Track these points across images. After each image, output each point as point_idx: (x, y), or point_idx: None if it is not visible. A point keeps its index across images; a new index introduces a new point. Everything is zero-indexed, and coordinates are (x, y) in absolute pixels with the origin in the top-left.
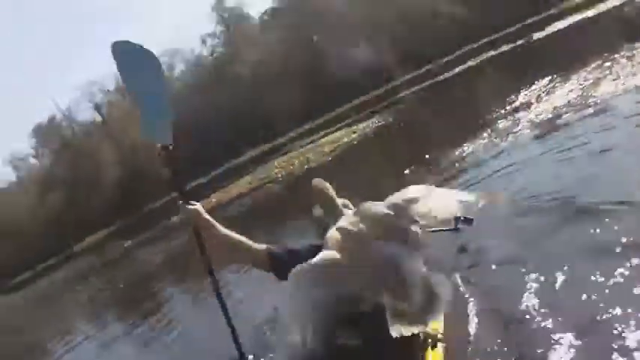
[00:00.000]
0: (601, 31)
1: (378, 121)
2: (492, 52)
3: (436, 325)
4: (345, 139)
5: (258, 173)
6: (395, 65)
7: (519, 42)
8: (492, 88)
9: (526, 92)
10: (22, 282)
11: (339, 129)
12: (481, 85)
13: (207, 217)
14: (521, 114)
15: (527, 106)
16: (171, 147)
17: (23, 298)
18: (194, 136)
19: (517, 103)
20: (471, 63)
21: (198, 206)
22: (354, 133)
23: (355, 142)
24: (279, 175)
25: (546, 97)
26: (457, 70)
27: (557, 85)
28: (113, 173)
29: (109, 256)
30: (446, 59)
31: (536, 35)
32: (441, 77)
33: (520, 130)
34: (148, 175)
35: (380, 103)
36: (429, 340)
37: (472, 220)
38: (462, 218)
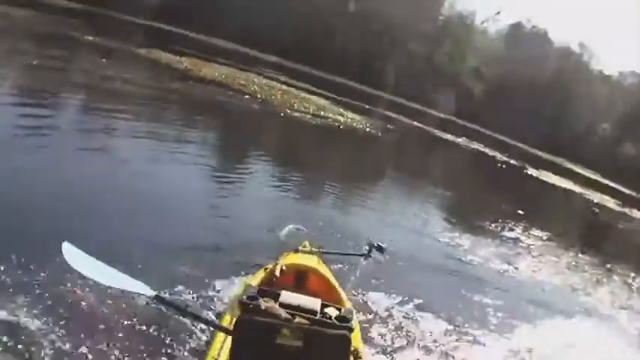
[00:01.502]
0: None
1: (367, 123)
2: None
3: (356, 341)
4: (330, 115)
5: (235, 74)
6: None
7: (513, 161)
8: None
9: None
10: None
11: (328, 99)
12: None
13: None
14: None
15: None
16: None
17: None
18: None
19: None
20: (460, 140)
21: None
22: (342, 116)
23: (340, 127)
24: (259, 95)
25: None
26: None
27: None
28: None
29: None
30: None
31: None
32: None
33: None
34: None
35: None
36: (352, 355)
37: (384, 248)
38: (375, 245)
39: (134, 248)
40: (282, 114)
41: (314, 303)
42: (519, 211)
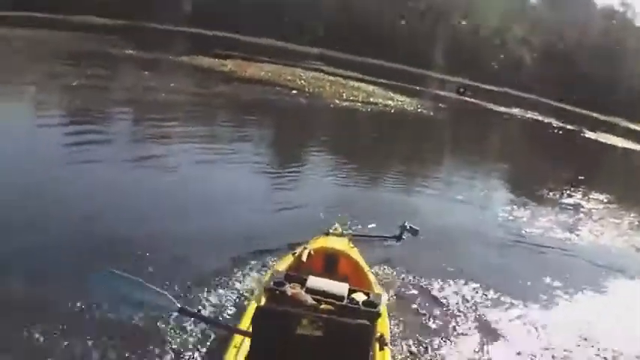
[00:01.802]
0: None
1: (418, 104)
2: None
3: (384, 327)
4: (380, 100)
5: (281, 70)
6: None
7: (569, 126)
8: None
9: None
10: None
11: (377, 85)
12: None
13: None
14: None
15: None
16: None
17: None
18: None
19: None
20: (514, 111)
21: None
22: (391, 100)
23: (391, 110)
24: (307, 89)
25: None
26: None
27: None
28: None
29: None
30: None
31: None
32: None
33: None
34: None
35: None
36: (377, 341)
37: (417, 230)
38: (407, 227)
39: (203, 245)
40: (331, 105)
41: (341, 288)
42: (578, 176)
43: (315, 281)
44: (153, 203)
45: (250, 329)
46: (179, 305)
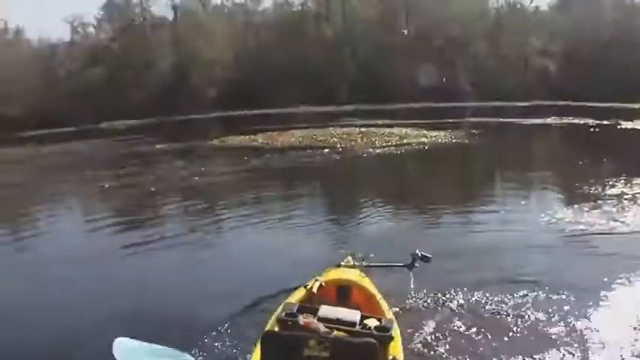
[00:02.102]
0: None
1: (452, 135)
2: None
3: (396, 350)
4: (413, 140)
5: (311, 133)
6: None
7: (605, 122)
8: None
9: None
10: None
11: (408, 127)
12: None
13: None
14: None
15: None
16: None
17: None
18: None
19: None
20: (549, 120)
21: None
22: (425, 137)
23: (426, 147)
24: (339, 145)
25: None
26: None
27: None
28: (164, 74)
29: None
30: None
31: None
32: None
33: None
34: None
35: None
36: None
37: (429, 257)
38: (419, 255)
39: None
40: (364, 154)
41: (353, 315)
42: (618, 167)
43: (327, 310)
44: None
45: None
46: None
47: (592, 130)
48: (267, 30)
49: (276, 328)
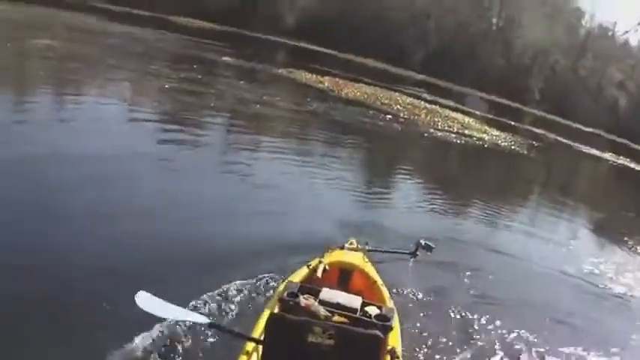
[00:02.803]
0: None
1: (512, 140)
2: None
3: (395, 341)
4: (475, 133)
5: (378, 93)
6: None
7: None
8: None
9: None
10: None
11: (472, 117)
12: None
13: None
14: None
15: None
16: None
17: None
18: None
19: None
20: (606, 156)
21: None
22: (486, 133)
23: (484, 145)
24: (402, 115)
25: None
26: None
27: None
28: None
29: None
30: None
31: None
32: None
33: None
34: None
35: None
36: (389, 355)
37: (432, 247)
38: (422, 244)
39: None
40: (425, 133)
41: (354, 301)
42: None
43: (328, 293)
44: (233, 208)
45: (263, 337)
46: (209, 320)
47: None
48: None
49: (277, 308)
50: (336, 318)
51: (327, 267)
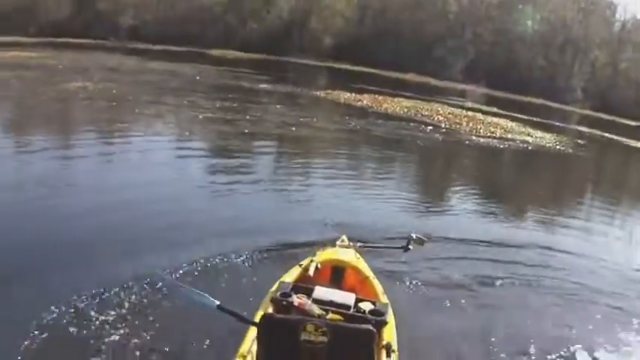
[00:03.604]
0: None
1: (556, 140)
2: None
3: (390, 336)
4: (518, 136)
5: (418, 105)
6: None
7: None
8: None
9: None
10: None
11: (515, 120)
12: None
13: None
14: None
15: None
16: None
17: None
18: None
19: None
20: None
21: None
22: (529, 136)
23: (528, 147)
24: (443, 125)
25: None
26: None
27: None
28: (282, 14)
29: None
30: None
31: None
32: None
33: None
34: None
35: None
36: (384, 349)
37: (424, 240)
38: (414, 237)
39: None
40: (467, 141)
41: (348, 298)
42: None
43: (321, 291)
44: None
45: (256, 338)
46: (217, 302)
47: None
48: None
49: (270, 308)
50: (330, 316)
51: (319, 265)
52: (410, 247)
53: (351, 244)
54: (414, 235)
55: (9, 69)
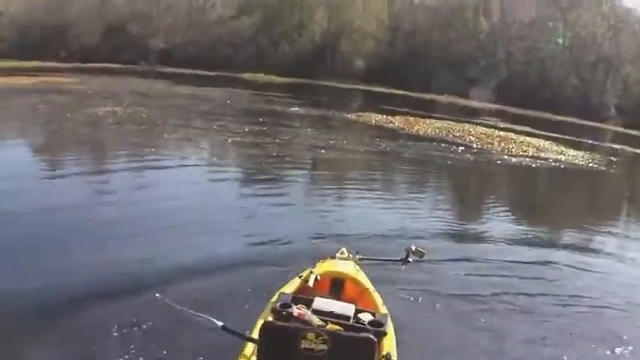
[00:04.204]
0: None
1: (590, 158)
2: None
3: (390, 346)
4: (550, 155)
5: (450, 126)
6: None
7: None
8: None
9: None
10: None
11: (548, 139)
12: None
13: None
14: None
15: None
16: None
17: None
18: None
19: None
20: None
21: None
22: (562, 154)
23: (561, 166)
24: (475, 145)
25: None
26: None
27: None
28: (314, 37)
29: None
30: None
31: None
32: None
33: None
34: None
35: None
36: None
37: (423, 253)
38: (413, 250)
39: None
40: (498, 161)
41: (347, 309)
42: None
43: (321, 302)
44: None
45: (256, 346)
46: (221, 323)
47: None
48: (424, 12)
49: (270, 318)
50: (329, 326)
51: (318, 277)
52: (409, 259)
53: (350, 255)
54: (413, 247)
55: (38, 94)
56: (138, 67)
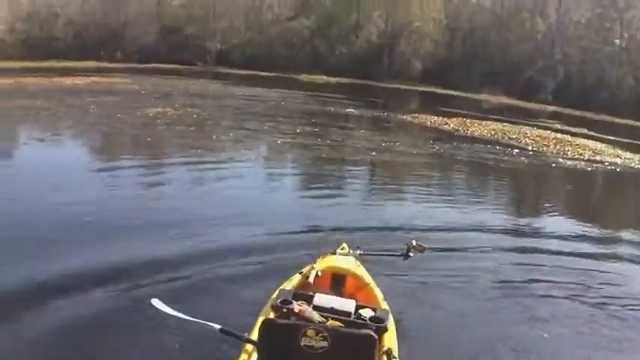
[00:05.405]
0: None
1: None
2: None
3: (391, 342)
4: (607, 158)
5: (505, 129)
6: None
7: None
8: None
9: None
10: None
11: (605, 142)
12: None
13: None
14: None
15: None
16: None
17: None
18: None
19: None
20: None
21: None
22: (619, 157)
23: (617, 169)
24: (530, 148)
25: None
26: None
27: None
28: (371, 37)
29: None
30: None
31: None
32: None
33: None
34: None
35: None
36: (385, 355)
37: (424, 248)
38: (414, 244)
39: None
40: (553, 164)
41: (348, 304)
42: None
43: (322, 298)
44: None
45: (257, 343)
46: (218, 326)
47: None
48: (481, 13)
49: (271, 315)
50: (330, 322)
51: (319, 273)
52: (410, 254)
53: (351, 251)
54: (414, 242)
55: (90, 95)
56: (195, 67)
